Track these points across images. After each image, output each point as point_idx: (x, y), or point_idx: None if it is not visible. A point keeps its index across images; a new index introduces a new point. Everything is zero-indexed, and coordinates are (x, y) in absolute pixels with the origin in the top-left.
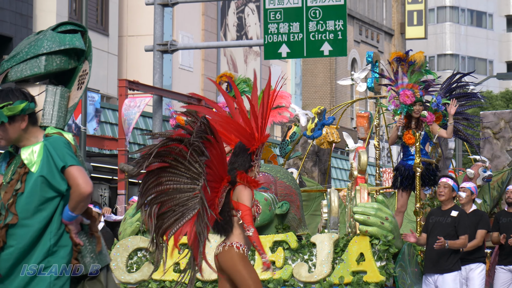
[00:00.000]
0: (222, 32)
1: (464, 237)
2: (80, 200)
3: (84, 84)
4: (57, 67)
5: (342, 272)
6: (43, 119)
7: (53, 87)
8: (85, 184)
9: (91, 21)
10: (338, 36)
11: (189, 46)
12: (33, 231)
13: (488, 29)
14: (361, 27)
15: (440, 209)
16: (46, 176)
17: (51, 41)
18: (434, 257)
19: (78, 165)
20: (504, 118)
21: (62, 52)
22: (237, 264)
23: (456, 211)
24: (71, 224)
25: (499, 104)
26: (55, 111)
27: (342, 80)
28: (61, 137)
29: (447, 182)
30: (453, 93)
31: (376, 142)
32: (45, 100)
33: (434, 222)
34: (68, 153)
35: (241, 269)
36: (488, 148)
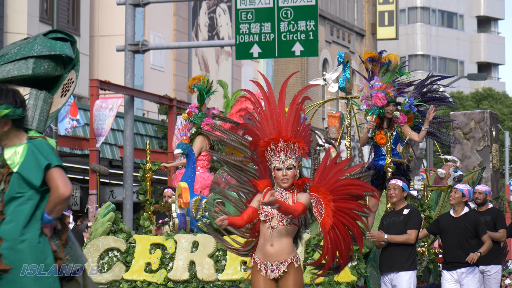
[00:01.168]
0: (193, 32)
1: (410, 231)
2: (57, 202)
3: (69, 92)
4: (44, 71)
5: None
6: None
7: (37, 91)
8: (65, 187)
9: (62, 21)
10: (309, 37)
11: (161, 46)
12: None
13: (459, 29)
14: (333, 28)
15: (394, 210)
16: (21, 172)
17: (42, 45)
18: (389, 257)
19: (62, 167)
20: (474, 119)
21: (51, 57)
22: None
23: (408, 209)
24: (45, 227)
25: (469, 104)
26: (37, 115)
27: (314, 80)
28: (45, 140)
29: (396, 183)
30: (426, 95)
31: (348, 142)
32: (28, 103)
33: (388, 223)
34: (53, 153)
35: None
36: (458, 148)
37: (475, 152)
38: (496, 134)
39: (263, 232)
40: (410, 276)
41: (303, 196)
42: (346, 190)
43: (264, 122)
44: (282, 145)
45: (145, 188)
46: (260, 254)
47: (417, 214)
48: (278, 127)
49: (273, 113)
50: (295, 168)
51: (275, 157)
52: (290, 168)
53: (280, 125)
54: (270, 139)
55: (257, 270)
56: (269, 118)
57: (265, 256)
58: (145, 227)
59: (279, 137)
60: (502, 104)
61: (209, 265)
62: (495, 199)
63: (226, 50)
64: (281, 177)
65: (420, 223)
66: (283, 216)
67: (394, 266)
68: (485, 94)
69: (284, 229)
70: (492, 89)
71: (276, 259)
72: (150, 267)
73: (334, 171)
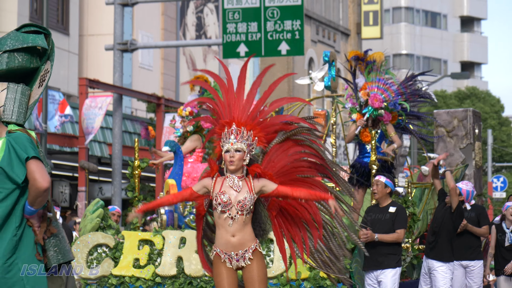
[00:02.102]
0: (181, 31)
1: (399, 231)
2: (37, 195)
3: (44, 82)
4: (18, 64)
5: (299, 267)
6: (3, 115)
7: (14, 84)
8: (42, 179)
9: (52, 21)
10: (295, 36)
11: (149, 45)
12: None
13: (442, 29)
14: (318, 27)
15: (378, 206)
16: (4, 167)
17: (14, 39)
18: (376, 255)
19: (38, 159)
20: (457, 117)
21: (24, 50)
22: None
23: (394, 207)
24: (32, 218)
25: (452, 103)
26: (16, 107)
27: (300, 79)
28: (23, 133)
29: (379, 179)
30: (408, 93)
31: (333, 139)
32: (6, 97)
33: (372, 219)
34: (30, 146)
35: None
36: (442, 146)
37: (458, 149)
38: (479, 132)
39: (220, 223)
40: (395, 273)
41: (267, 181)
42: (296, 171)
43: (221, 110)
44: (234, 128)
45: (133, 185)
46: (222, 245)
47: (404, 212)
48: (233, 112)
49: (230, 99)
50: (244, 153)
51: (226, 140)
52: (238, 150)
53: (235, 110)
54: (224, 122)
55: (220, 262)
56: (226, 105)
57: (228, 247)
58: (133, 223)
59: (232, 121)
60: (484, 102)
61: (196, 261)
62: (478, 196)
63: (213, 49)
64: (228, 159)
65: (407, 221)
66: (243, 206)
67: (381, 264)
68: (468, 93)
69: (244, 219)
70: (476, 88)
71: (240, 249)
72: (139, 263)
73: (280, 153)
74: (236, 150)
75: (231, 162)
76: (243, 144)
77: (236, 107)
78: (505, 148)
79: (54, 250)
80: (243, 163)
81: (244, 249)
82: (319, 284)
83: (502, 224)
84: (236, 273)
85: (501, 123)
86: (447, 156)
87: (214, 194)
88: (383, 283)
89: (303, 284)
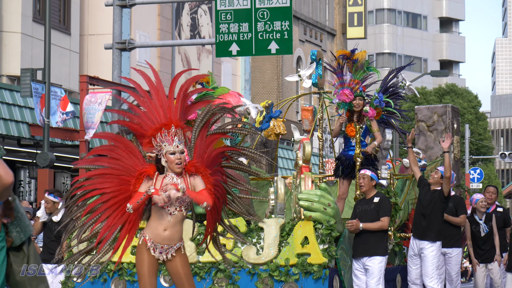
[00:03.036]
0: (176, 31)
1: (384, 218)
2: (3, 189)
3: None
4: None
5: (287, 254)
6: None
7: None
8: (6, 175)
9: (54, 21)
10: (284, 36)
11: (146, 44)
12: None
13: (422, 30)
14: (306, 28)
15: (364, 198)
16: None
17: None
18: (364, 243)
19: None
20: (437, 112)
21: None
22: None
23: (378, 197)
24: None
25: (432, 99)
26: None
27: (289, 77)
28: None
29: (365, 173)
30: (389, 90)
31: (320, 134)
32: None
33: (360, 211)
34: None
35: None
36: (422, 140)
37: (437, 143)
38: (457, 126)
39: (157, 215)
40: (382, 260)
41: (199, 181)
42: (219, 160)
43: (152, 111)
44: (175, 130)
45: None
46: (152, 235)
47: (387, 201)
48: (168, 114)
49: (162, 101)
50: (186, 153)
51: (169, 141)
52: (182, 152)
53: (170, 112)
54: (162, 125)
55: (145, 249)
56: (158, 107)
57: (157, 238)
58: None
59: (170, 123)
60: (462, 98)
61: (190, 248)
62: (456, 187)
63: (207, 48)
64: (176, 161)
65: (390, 210)
66: (181, 202)
67: (368, 251)
68: (447, 90)
69: (181, 216)
70: (455, 85)
71: (166, 243)
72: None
73: (204, 145)
74: (181, 152)
75: (179, 165)
76: (183, 145)
77: (169, 109)
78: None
79: (16, 231)
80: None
81: (170, 245)
82: (306, 270)
83: (474, 216)
84: (157, 263)
85: (478, 117)
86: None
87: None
88: (370, 270)
89: (291, 270)
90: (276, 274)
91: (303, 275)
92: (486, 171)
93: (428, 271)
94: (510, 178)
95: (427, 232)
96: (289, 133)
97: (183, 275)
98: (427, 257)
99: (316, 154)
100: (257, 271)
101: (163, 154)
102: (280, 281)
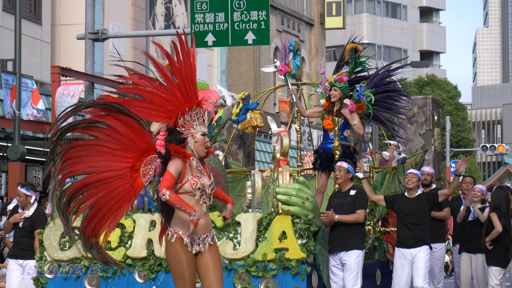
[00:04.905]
0: (150, 21)
1: (359, 211)
2: None
3: None
4: None
5: (265, 249)
6: None
7: None
8: None
9: (25, 10)
10: (261, 26)
11: (119, 34)
12: None
13: (402, 19)
14: (283, 18)
15: (340, 191)
16: None
17: None
18: (340, 236)
19: None
20: (417, 104)
21: None
22: (165, 251)
23: (355, 190)
24: None
25: (412, 90)
26: None
27: (265, 68)
28: None
29: (342, 165)
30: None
31: (298, 126)
32: None
33: (335, 204)
34: None
35: (167, 258)
36: (402, 132)
37: (417, 135)
38: (438, 118)
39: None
40: (359, 254)
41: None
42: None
43: (173, 90)
44: (204, 110)
45: None
46: (185, 228)
47: (363, 194)
48: (191, 93)
49: (184, 81)
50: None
51: (199, 122)
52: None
53: (193, 92)
54: (193, 103)
55: (181, 247)
56: (181, 85)
57: (190, 229)
58: None
59: (198, 102)
60: (442, 89)
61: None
62: (437, 179)
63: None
64: (206, 143)
65: (367, 203)
66: (212, 189)
67: (345, 245)
68: (428, 81)
69: (209, 205)
70: (435, 76)
71: (202, 233)
72: (110, 245)
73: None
74: (205, 133)
75: (207, 148)
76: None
77: (191, 89)
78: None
79: None
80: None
81: (205, 233)
82: (284, 265)
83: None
84: (194, 259)
85: (457, 108)
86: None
87: (187, 177)
88: (347, 264)
89: (269, 265)
90: (254, 270)
91: (281, 270)
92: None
93: (421, 273)
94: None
95: (421, 238)
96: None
97: (216, 265)
98: (422, 260)
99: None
100: (234, 267)
101: (192, 134)
102: (258, 277)
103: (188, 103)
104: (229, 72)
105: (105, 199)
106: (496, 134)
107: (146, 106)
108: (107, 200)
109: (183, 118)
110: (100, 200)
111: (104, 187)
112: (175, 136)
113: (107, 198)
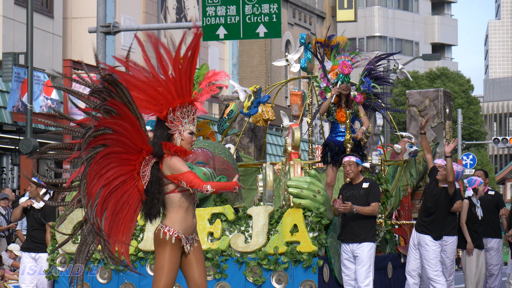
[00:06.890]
0: (162, 14)
1: (374, 204)
2: None
3: None
4: None
5: (276, 242)
6: None
7: None
8: None
9: (37, 4)
10: (272, 19)
11: (131, 28)
12: None
13: (414, 12)
14: (295, 11)
15: (351, 183)
16: None
17: None
18: (353, 228)
19: None
20: (428, 97)
21: None
22: (156, 248)
23: (367, 182)
24: None
25: (424, 83)
26: None
27: (277, 61)
28: None
29: (350, 159)
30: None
31: (309, 119)
32: None
33: (348, 196)
34: None
35: (160, 252)
36: (414, 125)
37: (429, 128)
38: (449, 111)
39: (185, 206)
40: (371, 247)
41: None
42: None
43: (170, 84)
44: (195, 109)
45: None
46: (185, 229)
47: (376, 187)
48: (185, 90)
49: (181, 76)
50: None
51: (189, 120)
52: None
53: (187, 89)
54: (186, 100)
55: (178, 248)
56: (176, 81)
57: (189, 230)
58: None
59: (191, 100)
60: (454, 82)
61: None
62: None
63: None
64: (192, 142)
65: (380, 196)
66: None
67: (358, 237)
68: (439, 73)
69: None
70: (446, 68)
71: (194, 231)
72: None
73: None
74: (193, 132)
75: (192, 147)
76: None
77: (186, 86)
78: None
79: None
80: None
81: (194, 233)
82: (296, 259)
83: (472, 199)
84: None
85: (469, 101)
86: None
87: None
88: (359, 257)
89: (280, 258)
90: (265, 263)
91: (293, 263)
92: (479, 157)
93: (431, 264)
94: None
95: (429, 228)
96: (278, 119)
97: (200, 262)
98: (428, 252)
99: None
100: (245, 260)
101: (180, 131)
102: (269, 270)
103: (181, 100)
104: (240, 65)
105: (116, 206)
106: (508, 127)
107: (139, 96)
108: (119, 207)
109: (173, 114)
110: (111, 207)
111: (114, 195)
112: (162, 131)
113: (118, 205)
